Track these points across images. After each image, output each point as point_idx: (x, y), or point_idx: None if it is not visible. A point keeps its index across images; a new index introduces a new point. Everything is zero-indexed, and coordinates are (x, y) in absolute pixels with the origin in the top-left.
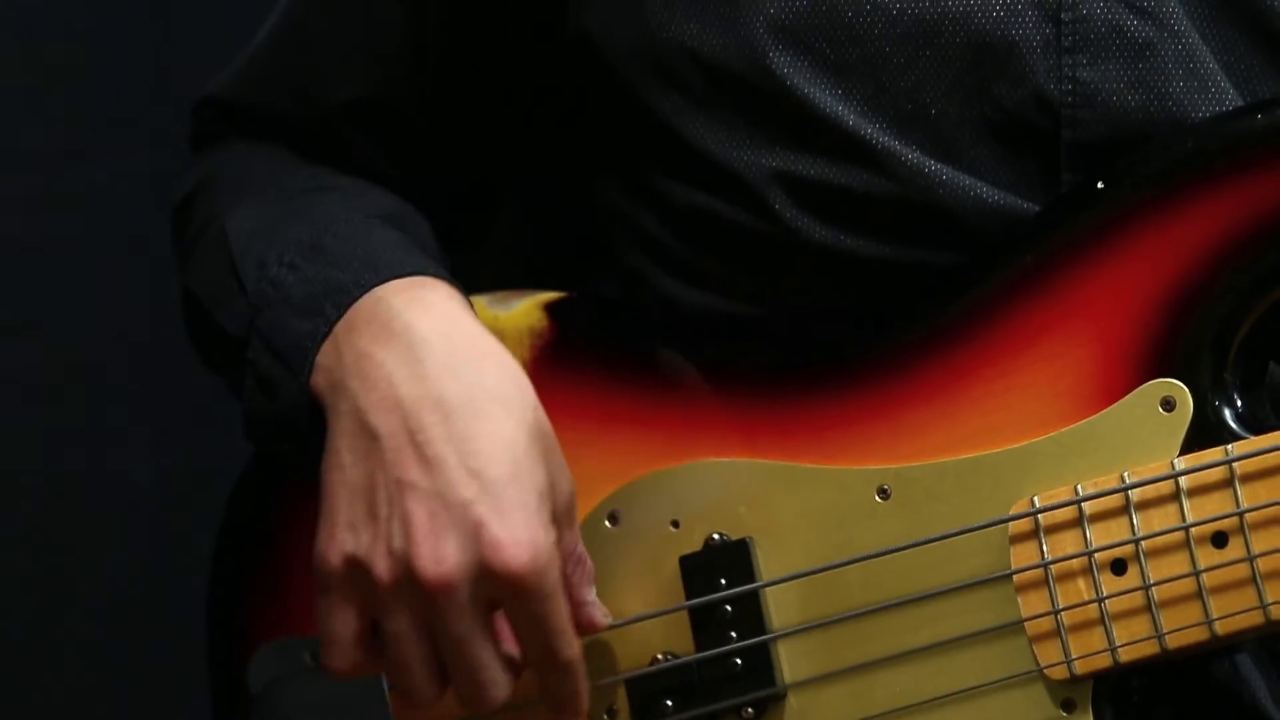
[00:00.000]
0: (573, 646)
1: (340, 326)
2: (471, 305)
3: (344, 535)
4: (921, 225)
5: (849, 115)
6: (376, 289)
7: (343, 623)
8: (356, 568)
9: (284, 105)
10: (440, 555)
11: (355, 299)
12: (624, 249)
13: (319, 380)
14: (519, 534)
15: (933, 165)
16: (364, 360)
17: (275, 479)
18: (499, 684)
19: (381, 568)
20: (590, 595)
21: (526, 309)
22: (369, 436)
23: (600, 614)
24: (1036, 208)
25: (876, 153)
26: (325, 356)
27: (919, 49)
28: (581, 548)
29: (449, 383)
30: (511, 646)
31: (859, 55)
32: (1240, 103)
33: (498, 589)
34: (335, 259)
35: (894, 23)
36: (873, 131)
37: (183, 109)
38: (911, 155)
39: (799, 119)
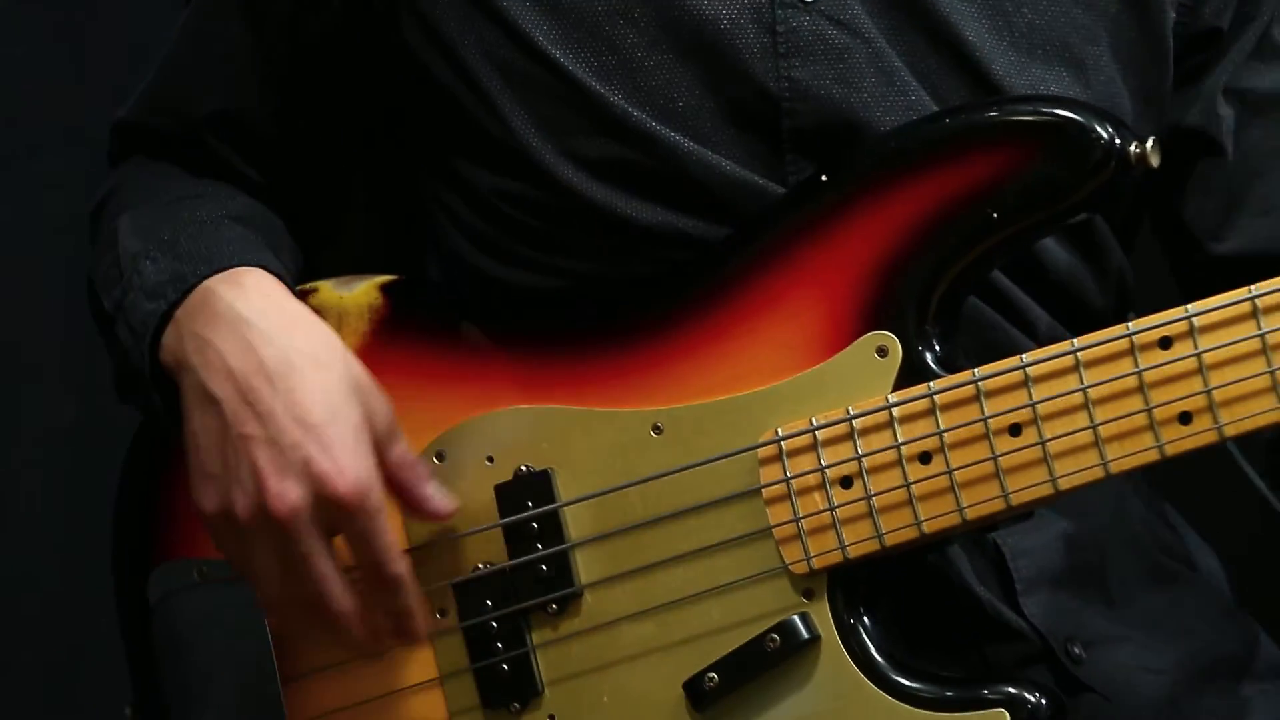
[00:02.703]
0: (398, 562)
1: (181, 313)
2: (288, 285)
3: (206, 484)
4: (681, 194)
5: (618, 105)
6: (208, 281)
7: (241, 562)
8: (226, 512)
9: (165, 122)
10: (282, 490)
11: (190, 286)
12: (445, 233)
13: (166, 358)
14: (342, 464)
15: (686, 145)
16: (198, 341)
17: (162, 437)
18: (339, 595)
19: (241, 506)
20: (430, 489)
21: (366, 289)
22: (211, 402)
23: (443, 501)
24: (771, 183)
25: (642, 135)
26: (169, 338)
27: (664, 54)
28: (411, 455)
29: (268, 350)
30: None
31: (617, 61)
32: (920, 94)
33: (331, 512)
34: (183, 254)
35: (643, 34)
36: (638, 119)
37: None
38: (671, 137)
39: (581, 109)
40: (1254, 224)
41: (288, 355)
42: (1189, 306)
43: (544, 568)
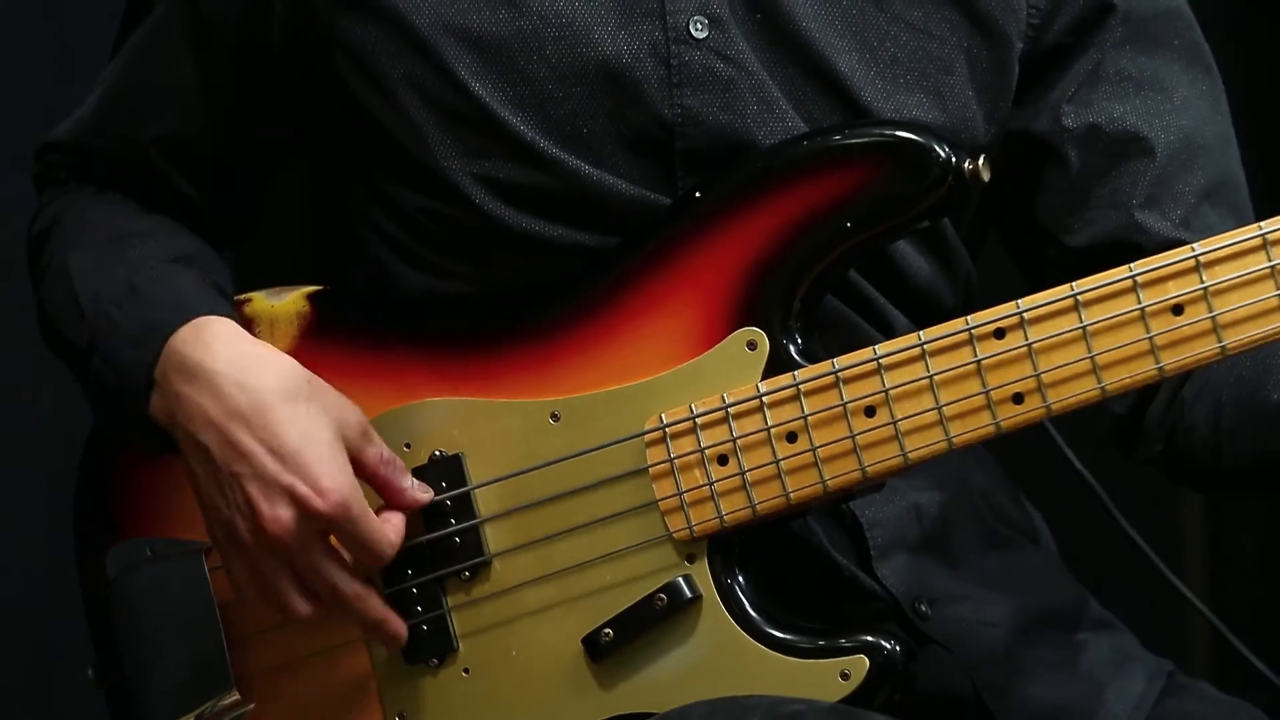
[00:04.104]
0: (391, 548)
1: (159, 375)
2: (244, 323)
3: (212, 518)
4: (583, 213)
5: (528, 133)
6: (175, 336)
7: (250, 580)
8: (231, 540)
9: (109, 145)
10: (276, 516)
11: (167, 335)
12: (368, 244)
13: (158, 416)
14: (320, 485)
15: (586, 169)
16: (180, 399)
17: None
18: (348, 581)
19: (244, 533)
20: (407, 482)
21: (295, 299)
22: (202, 449)
23: (421, 492)
24: (663, 198)
25: (548, 160)
26: (156, 399)
27: (572, 87)
28: (388, 452)
29: (241, 396)
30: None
31: (530, 92)
32: (797, 120)
33: (322, 524)
34: (150, 301)
35: (554, 68)
36: (545, 145)
37: None
38: (572, 162)
39: (494, 136)
40: (1104, 215)
41: (259, 396)
42: (1019, 302)
43: (457, 540)
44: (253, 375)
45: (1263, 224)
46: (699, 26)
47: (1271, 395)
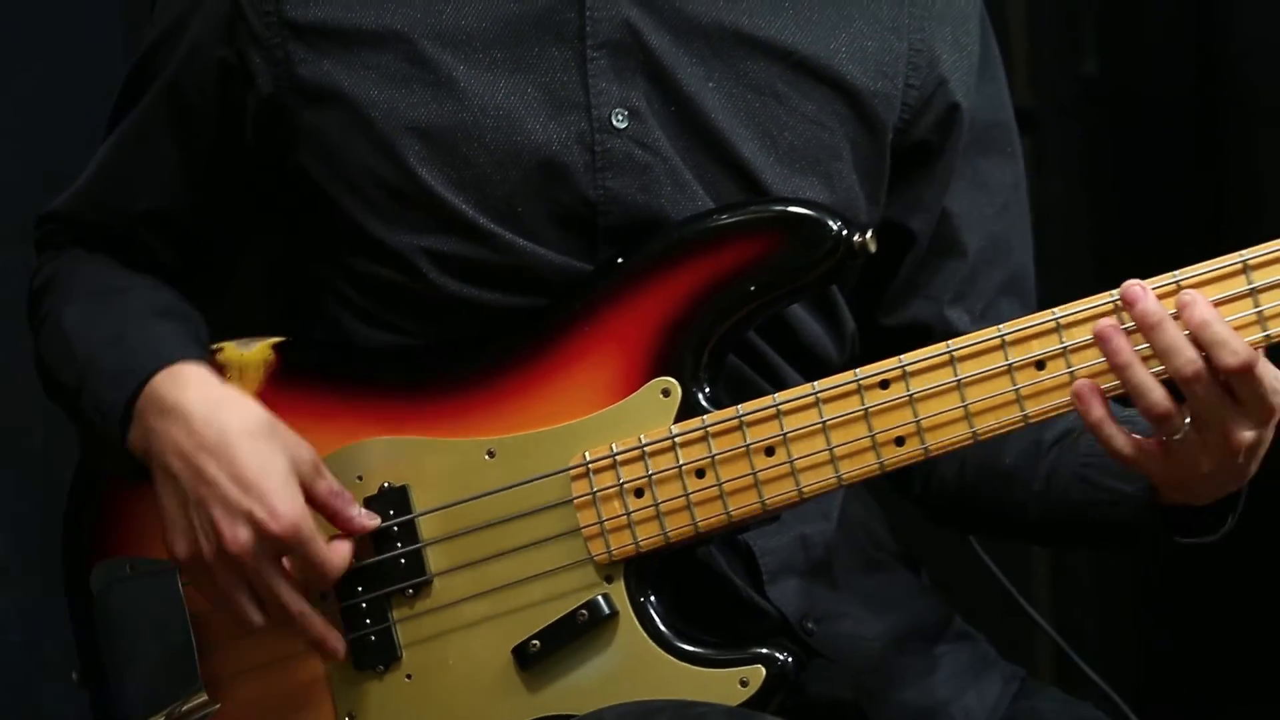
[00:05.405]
0: (337, 569)
1: (136, 411)
2: (217, 369)
3: (178, 537)
4: (516, 280)
5: (468, 210)
6: (155, 377)
7: (212, 593)
8: (196, 556)
9: (99, 216)
10: (235, 536)
11: (143, 379)
12: (327, 304)
13: (134, 445)
14: (275, 510)
15: (521, 242)
16: (155, 433)
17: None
18: (295, 599)
19: (207, 552)
20: (355, 510)
21: (261, 348)
22: (171, 476)
23: (367, 519)
24: (587, 265)
25: (486, 235)
26: (134, 431)
27: (508, 171)
28: (337, 485)
29: (208, 431)
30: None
31: (471, 175)
32: (706, 200)
33: (276, 545)
34: (132, 349)
35: (492, 155)
36: (484, 222)
37: None
38: (507, 236)
39: (437, 214)
40: (919, 304)
41: (223, 432)
42: (902, 357)
43: (402, 561)
44: (220, 413)
45: (1176, 273)
46: (620, 118)
47: (1004, 459)
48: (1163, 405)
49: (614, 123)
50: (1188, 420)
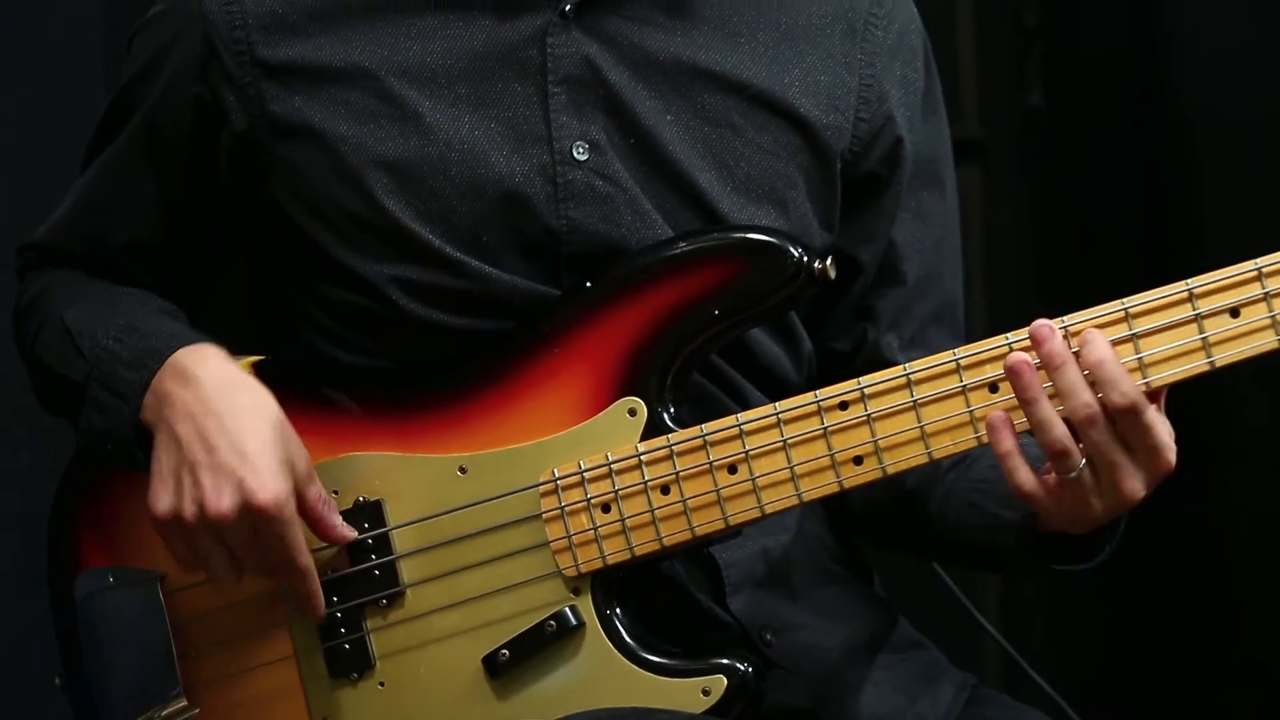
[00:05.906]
0: (307, 556)
1: (156, 381)
2: (231, 357)
3: (162, 493)
4: (484, 305)
5: (435, 240)
6: (176, 353)
7: (188, 555)
8: (176, 515)
9: (79, 246)
10: (219, 500)
11: (165, 356)
12: (301, 328)
13: (147, 414)
14: (265, 483)
15: (487, 270)
16: (170, 396)
17: (87, 474)
18: (274, 552)
19: (189, 512)
20: (337, 520)
21: (242, 366)
22: (175, 438)
23: (347, 530)
24: (554, 292)
25: (453, 263)
26: (148, 398)
27: (473, 202)
28: (326, 494)
29: (219, 402)
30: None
31: (438, 207)
32: (665, 228)
33: (257, 514)
34: (148, 335)
35: (457, 187)
36: (450, 251)
37: None
38: (474, 264)
39: (406, 244)
40: (861, 329)
41: (233, 405)
42: (860, 380)
43: (377, 573)
44: (237, 390)
45: (1065, 318)
46: (581, 150)
47: (907, 481)
48: (1062, 443)
49: (575, 155)
50: (1083, 462)
